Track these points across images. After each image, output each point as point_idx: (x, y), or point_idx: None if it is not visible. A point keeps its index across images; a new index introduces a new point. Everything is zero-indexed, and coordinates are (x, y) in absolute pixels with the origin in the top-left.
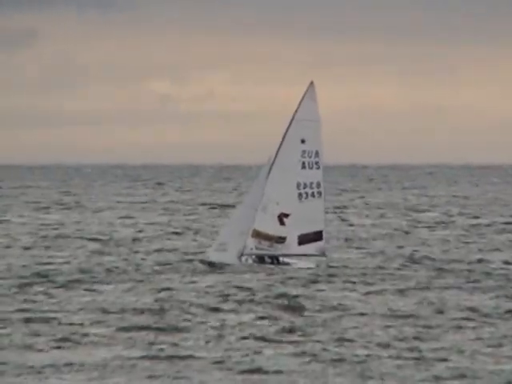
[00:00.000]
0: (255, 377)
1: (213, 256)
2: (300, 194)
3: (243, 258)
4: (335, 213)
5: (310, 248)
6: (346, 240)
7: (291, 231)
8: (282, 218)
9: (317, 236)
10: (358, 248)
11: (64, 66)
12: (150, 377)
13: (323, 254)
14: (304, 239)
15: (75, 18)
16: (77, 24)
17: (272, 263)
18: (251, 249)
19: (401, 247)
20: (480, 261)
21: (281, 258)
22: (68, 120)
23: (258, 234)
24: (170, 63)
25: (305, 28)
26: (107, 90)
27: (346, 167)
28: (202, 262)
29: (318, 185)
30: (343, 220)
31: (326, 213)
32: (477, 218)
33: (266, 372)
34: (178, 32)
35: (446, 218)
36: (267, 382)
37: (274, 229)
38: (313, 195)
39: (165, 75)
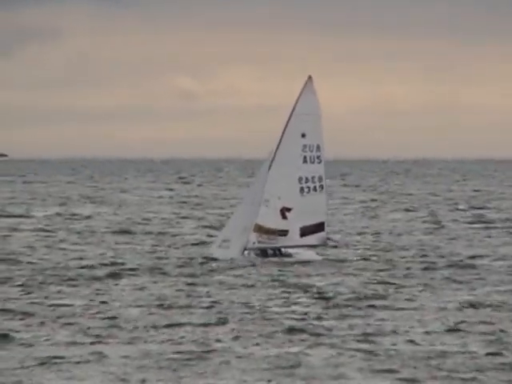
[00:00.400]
0: (284, 371)
1: (216, 252)
2: (302, 189)
3: (245, 252)
4: (363, 207)
5: (312, 239)
6: (374, 234)
7: (293, 224)
8: (284, 212)
9: (318, 227)
10: (384, 242)
11: (78, 62)
12: (178, 372)
13: (325, 244)
14: (306, 231)
15: (88, 14)
16: (90, 19)
17: (275, 255)
18: (253, 243)
19: (430, 241)
20: (506, 256)
21: (283, 250)
22: (82, 116)
23: (259, 229)
24: (188, 59)
25: (339, 24)
26: (124, 86)
27: (363, 162)
28: (204, 258)
29: (320, 179)
30: (371, 214)
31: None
32: (502, 211)
33: (293, 366)
34: (197, 27)
35: (473, 213)
36: (296, 376)
37: (276, 223)
38: (315, 189)
39: (185, 71)
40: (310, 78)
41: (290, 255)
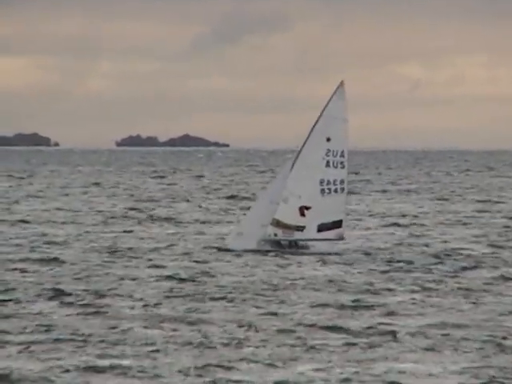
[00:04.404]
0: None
1: (232, 244)
2: (323, 190)
3: (261, 243)
4: None
5: (329, 234)
6: None
7: (311, 221)
8: (303, 210)
9: (336, 224)
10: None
11: (315, 51)
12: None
13: (342, 239)
14: (323, 227)
15: (318, 3)
16: (320, 8)
17: (290, 247)
18: (269, 235)
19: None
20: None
21: (300, 242)
22: (305, 106)
23: (277, 223)
24: (420, 47)
25: None
26: (359, 75)
27: None
28: (219, 249)
29: (342, 182)
30: None
31: None
32: None
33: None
34: (431, 16)
35: None
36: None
37: (294, 219)
38: (336, 191)
39: (415, 60)
40: (342, 82)
41: (306, 247)
